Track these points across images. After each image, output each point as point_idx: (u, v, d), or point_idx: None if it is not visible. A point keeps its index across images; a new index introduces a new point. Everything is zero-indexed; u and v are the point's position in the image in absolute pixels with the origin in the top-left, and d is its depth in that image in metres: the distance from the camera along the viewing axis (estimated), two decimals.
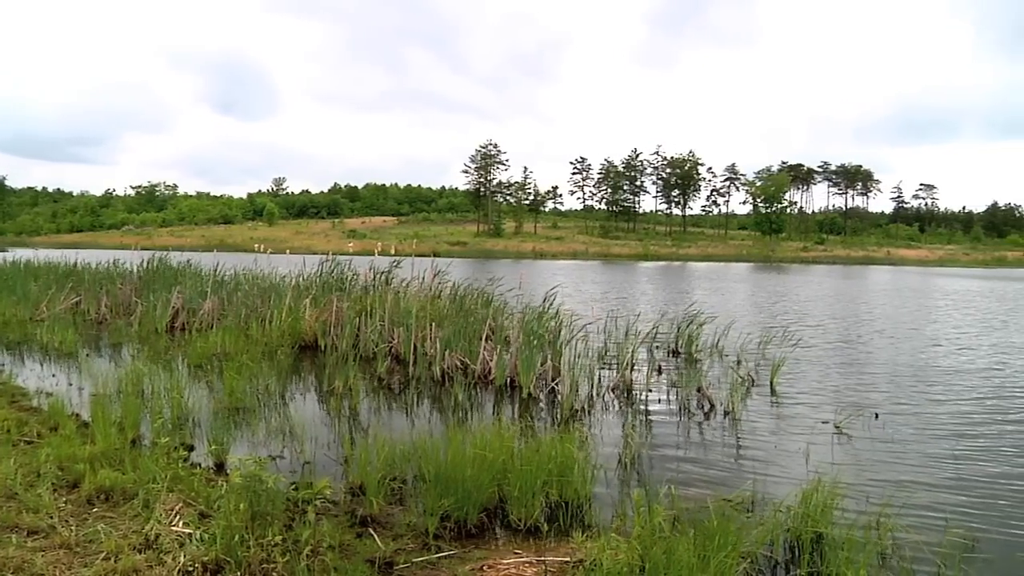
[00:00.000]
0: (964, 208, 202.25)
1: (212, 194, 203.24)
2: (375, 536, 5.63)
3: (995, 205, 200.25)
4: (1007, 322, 26.02)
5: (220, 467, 7.30)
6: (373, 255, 19.92)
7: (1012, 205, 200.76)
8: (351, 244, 51.02)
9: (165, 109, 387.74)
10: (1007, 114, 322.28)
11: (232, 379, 10.27)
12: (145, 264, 23.14)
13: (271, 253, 23.64)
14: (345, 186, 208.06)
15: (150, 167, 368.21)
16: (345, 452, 7.76)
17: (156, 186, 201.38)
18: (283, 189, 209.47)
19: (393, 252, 21.10)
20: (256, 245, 28.65)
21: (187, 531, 5.27)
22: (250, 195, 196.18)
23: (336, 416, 10.01)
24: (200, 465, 7.24)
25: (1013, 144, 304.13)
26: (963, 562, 5.53)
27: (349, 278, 18.21)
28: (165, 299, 17.69)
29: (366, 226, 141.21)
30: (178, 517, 5.49)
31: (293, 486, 6.26)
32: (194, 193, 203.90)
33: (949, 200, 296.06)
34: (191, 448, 7.91)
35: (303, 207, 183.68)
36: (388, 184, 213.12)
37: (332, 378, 11.57)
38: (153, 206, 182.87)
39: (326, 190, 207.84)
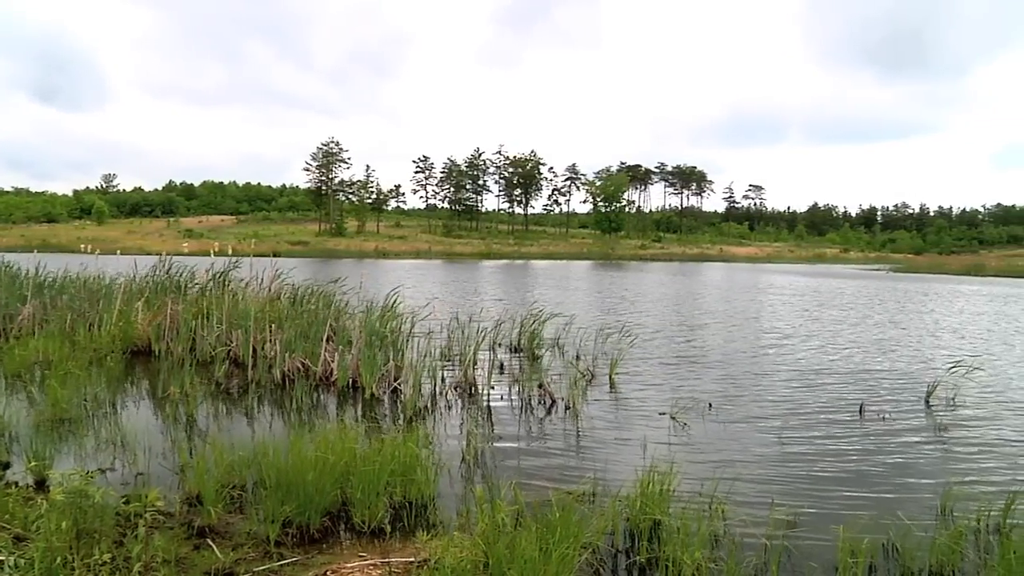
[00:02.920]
0: (789, 208, 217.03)
1: (32, 190, 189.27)
2: (214, 547, 5.45)
3: (815, 206, 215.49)
4: (834, 317, 27.89)
5: (41, 484, 6.79)
6: (210, 255, 19.23)
7: (830, 206, 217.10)
8: (187, 244, 49.01)
9: None
10: (827, 121, 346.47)
11: (55, 388, 9.64)
12: None
13: (100, 254, 22.34)
14: (181, 184, 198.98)
15: None
16: (181, 461, 7.46)
17: None
18: (114, 186, 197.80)
19: (231, 252, 20.35)
20: (83, 245, 27.14)
21: None
22: (76, 192, 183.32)
23: (172, 423, 9.58)
24: (17, 484, 6.68)
25: (831, 149, 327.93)
26: (786, 537, 5.93)
27: (185, 279, 17.51)
28: None
29: (203, 225, 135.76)
30: None
31: (124, 499, 5.95)
32: (11, 189, 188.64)
33: (775, 200, 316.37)
34: (7, 466, 7.34)
35: (136, 205, 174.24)
36: (226, 182, 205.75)
37: (167, 384, 11.08)
38: None
39: (160, 188, 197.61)
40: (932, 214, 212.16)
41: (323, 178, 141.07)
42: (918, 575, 5.53)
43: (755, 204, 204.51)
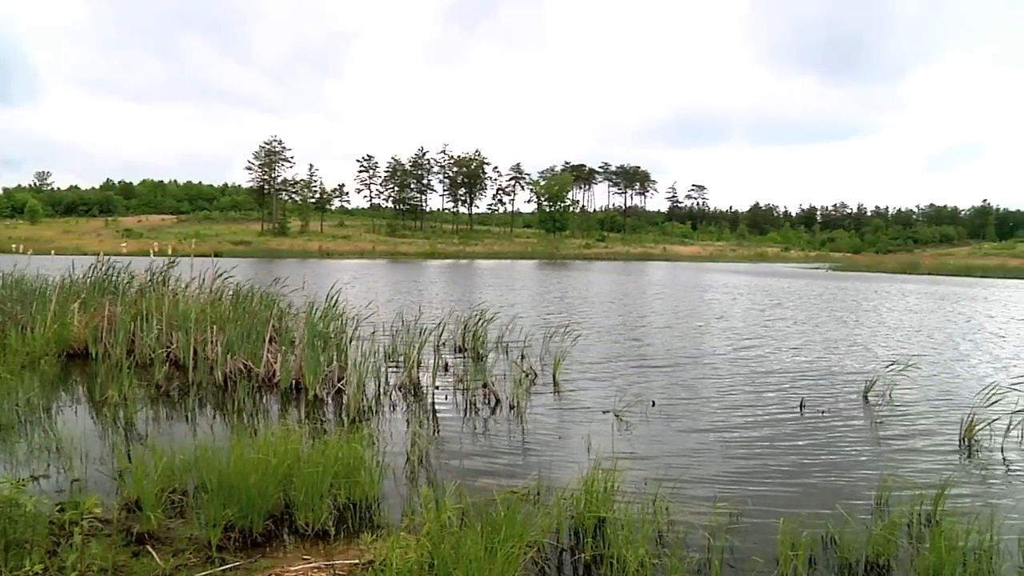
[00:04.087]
0: (731, 208, 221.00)
1: None
2: (153, 553, 5.35)
3: (757, 205, 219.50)
4: (778, 316, 28.38)
5: None
6: (150, 255, 18.87)
7: (771, 205, 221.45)
8: (125, 244, 47.98)
9: None
10: (769, 122, 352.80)
11: None
12: None
13: (33, 254, 21.79)
14: (119, 182, 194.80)
15: None
16: (120, 466, 7.30)
17: None
18: (48, 184, 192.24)
19: (171, 252, 20.02)
20: (15, 245, 26.43)
21: None
22: (7, 190, 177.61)
23: (110, 428, 9.36)
24: None
25: (773, 150, 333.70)
26: (728, 533, 6.02)
27: (123, 280, 17.15)
28: None
29: (143, 225, 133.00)
30: None
31: (59, 507, 5.79)
32: None
33: (718, 200, 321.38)
34: None
35: (71, 204, 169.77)
36: (166, 181, 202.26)
37: (105, 387, 10.79)
38: None
39: (98, 186, 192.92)
40: (869, 214, 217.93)
41: (266, 177, 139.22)
42: (855, 566, 5.67)
43: (698, 204, 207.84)
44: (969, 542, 5.41)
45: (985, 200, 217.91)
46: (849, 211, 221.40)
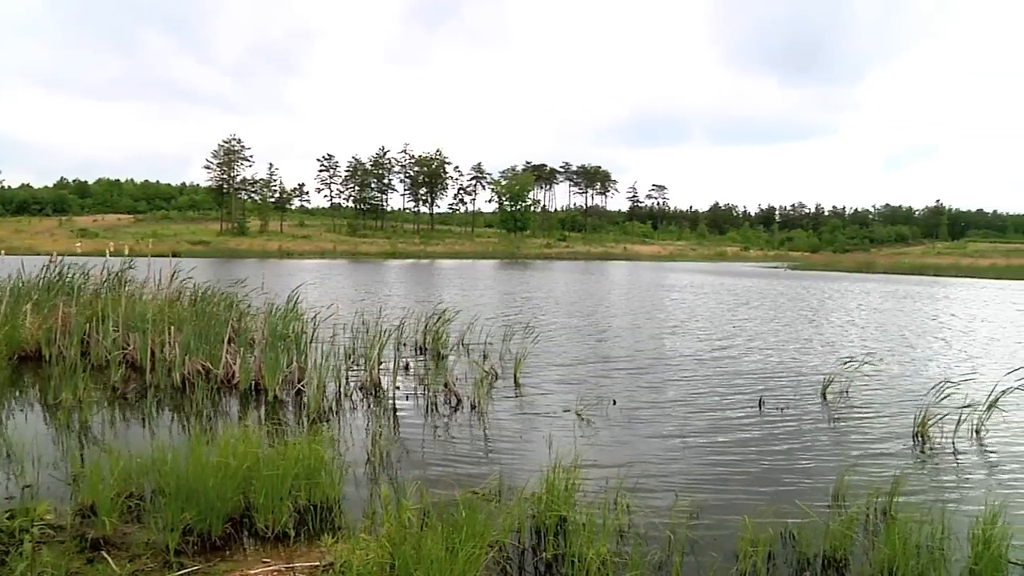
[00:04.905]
0: (691, 207, 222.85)
1: None
2: (109, 559, 5.26)
3: (717, 205, 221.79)
4: (741, 316, 28.64)
5: None
6: (106, 255, 18.57)
7: (731, 205, 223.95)
8: (80, 244, 47.08)
9: None
10: (729, 122, 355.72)
11: None
12: None
13: None
14: (73, 181, 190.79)
15: None
16: (74, 470, 7.16)
17: None
18: None
19: (128, 252, 19.70)
20: None
21: None
22: None
23: (64, 432, 9.17)
24: None
25: (733, 150, 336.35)
26: (689, 529, 6.09)
27: (78, 280, 16.85)
28: None
29: (99, 224, 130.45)
30: None
31: (8, 514, 5.67)
32: None
33: (678, 199, 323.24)
34: None
35: (23, 203, 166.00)
36: (123, 179, 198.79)
37: (59, 390, 10.61)
38: None
39: (51, 184, 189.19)
40: (827, 214, 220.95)
41: (225, 176, 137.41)
42: (813, 560, 5.76)
43: (658, 203, 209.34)
44: (922, 535, 5.53)
45: (938, 200, 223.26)
46: (807, 211, 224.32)
